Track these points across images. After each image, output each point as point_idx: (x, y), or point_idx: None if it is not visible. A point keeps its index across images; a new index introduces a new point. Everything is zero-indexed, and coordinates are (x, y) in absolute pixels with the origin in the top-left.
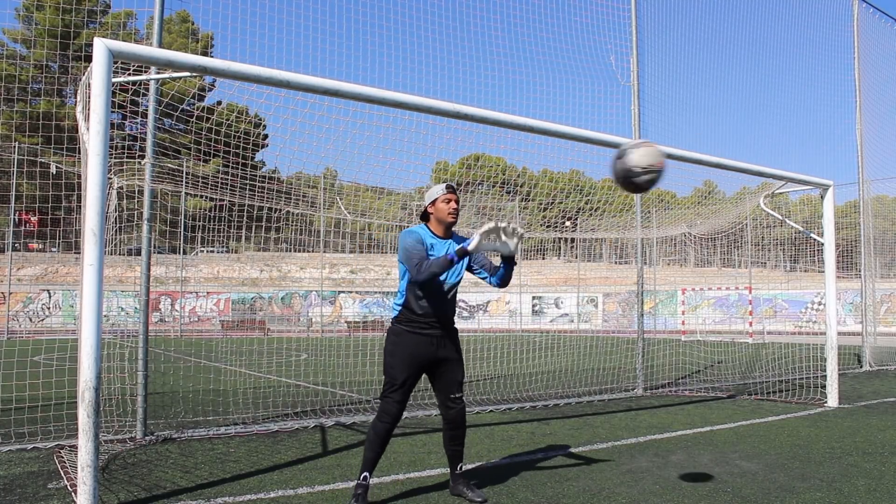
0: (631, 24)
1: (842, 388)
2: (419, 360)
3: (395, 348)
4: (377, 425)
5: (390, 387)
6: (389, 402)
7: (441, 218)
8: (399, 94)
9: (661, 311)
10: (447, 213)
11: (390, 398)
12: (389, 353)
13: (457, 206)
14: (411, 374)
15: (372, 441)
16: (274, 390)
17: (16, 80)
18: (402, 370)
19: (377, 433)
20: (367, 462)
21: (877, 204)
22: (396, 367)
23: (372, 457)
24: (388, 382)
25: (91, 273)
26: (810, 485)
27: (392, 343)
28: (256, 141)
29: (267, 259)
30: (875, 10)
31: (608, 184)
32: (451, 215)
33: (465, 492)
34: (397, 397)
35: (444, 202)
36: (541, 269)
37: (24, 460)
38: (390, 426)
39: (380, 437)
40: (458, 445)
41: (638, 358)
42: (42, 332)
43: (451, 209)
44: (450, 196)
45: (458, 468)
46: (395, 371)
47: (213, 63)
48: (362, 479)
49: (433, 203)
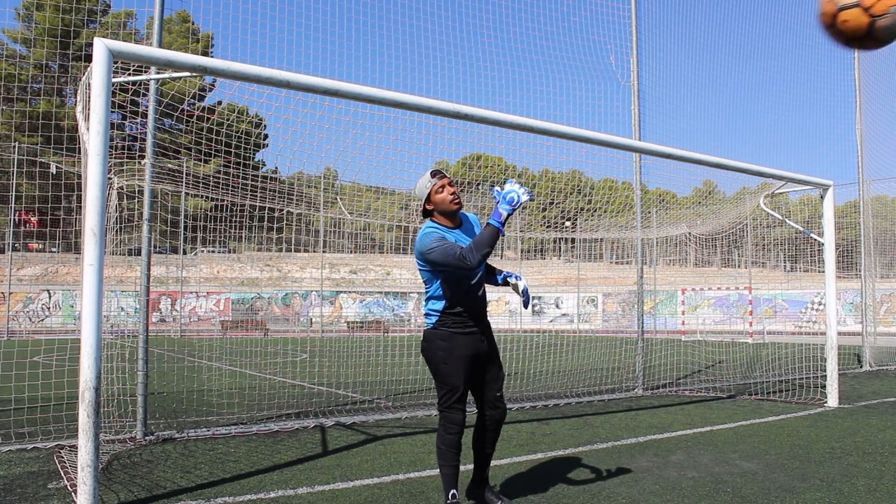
0: (631, 24)
1: (842, 388)
2: (474, 360)
3: (448, 354)
4: (446, 438)
5: (452, 395)
6: (455, 410)
7: (444, 209)
8: (399, 94)
9: (661, 311)
10: (449, 202)
11: (456, 407)
12: (442, 361)
13: (454, 189)
14: (469, 376)
15: (445, 455)
16: (274, 390)
17: (16, 80)
18: (460, 374)
19: (449, 446)
20: (448, 478)
21: (877, 204)
22: (454, 374)
23: (451, 472)
24: (449, 391)
25: (91, 273)
26: (810, 485)
27: (442, 349)
28: (256, 141)
29: (267, 259)
30: None
31: (608, 183)
32: (453, 202)
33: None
34: (461, 405)
35: (439, 191)
36: (541, 269)
37: (24, 460)
38: (460, 435)
39: (454, 449)
40: (492, 448)
41: (638, 358)
42: (42, 332)
43: (449, 194)
44: (442, 182)
45: (485, 472)
46: (453, 378)
47: (213, 63)
48: (451, 498)
49: (429, 198)
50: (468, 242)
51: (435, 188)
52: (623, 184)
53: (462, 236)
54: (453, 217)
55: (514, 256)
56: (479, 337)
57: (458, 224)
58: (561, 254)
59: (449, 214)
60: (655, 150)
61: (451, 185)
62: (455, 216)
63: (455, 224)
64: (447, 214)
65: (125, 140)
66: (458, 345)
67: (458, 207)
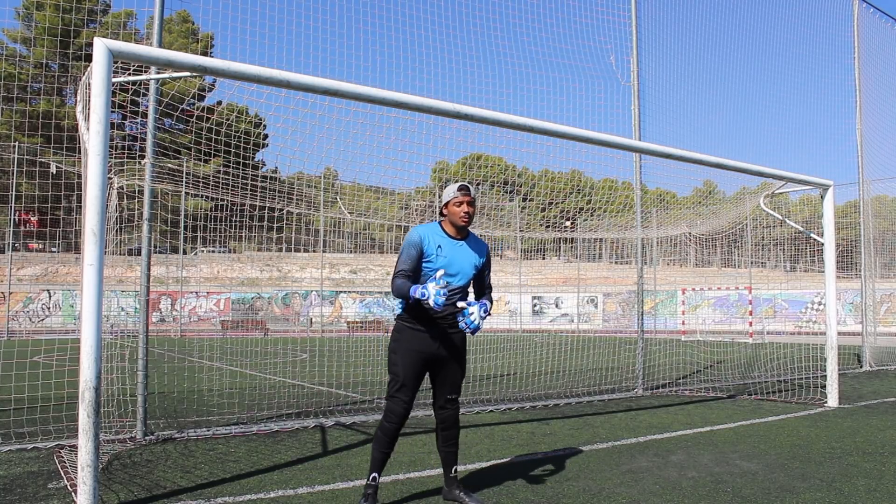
0: (631, 24)
1: (842, 388)
2: (422, 356)
3: (398, 345)
4: (384, 426)
5: (395, 384)
6: (395, 401)
7: (453, 221)
8: (399, 94)
9: (661, 311)
10: (459, 217)
11: (396, 397)
12: (392, 351)
13: (469, 209)
14: (415, 371)
15: (379, 440)
16: (274, 390)
17: (16, 80)
18: (405, 367)
19: (385, 433)
20: (374, 462)
21: (877, 204)
22: (399, 364)
23: (379, 457)
24: (392, 380)
25: (91, 273)
26: (810, 485)
27: (395, 340)
28: (256, 141)
29: (267, 259)
30: (875, 10)
31: (608, 183)
32: (462, 219)
33: (463, 498)
34: (403, 396)
35: (457, 205)
36: (541, 269)
37: (24, 460)
38: (397, 426)
39: (387, 437)
40: (452, 446)
41: (638, 358)
42: (42, 332)
43: (462, 212)
44: (462, 199)
45: (452, 471)
46: (397, 368)
47: (213, 63)
48: (371, 480)
49: (447, 205)
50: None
51: (455, 200)
52: (623, 184)
53: (464, 249)
54: (459, 230)
55: (514, 256)
56: (433, 338)
57: (464, 236)
58: (561, 254)
59: (455, 226)
60: (655, 150)
61: (470, 206)
62: (461, 230)
63: (457, 236)
64: (454, 225)
65: (125, 140)
66: (407, 338)
67: (465, 224)
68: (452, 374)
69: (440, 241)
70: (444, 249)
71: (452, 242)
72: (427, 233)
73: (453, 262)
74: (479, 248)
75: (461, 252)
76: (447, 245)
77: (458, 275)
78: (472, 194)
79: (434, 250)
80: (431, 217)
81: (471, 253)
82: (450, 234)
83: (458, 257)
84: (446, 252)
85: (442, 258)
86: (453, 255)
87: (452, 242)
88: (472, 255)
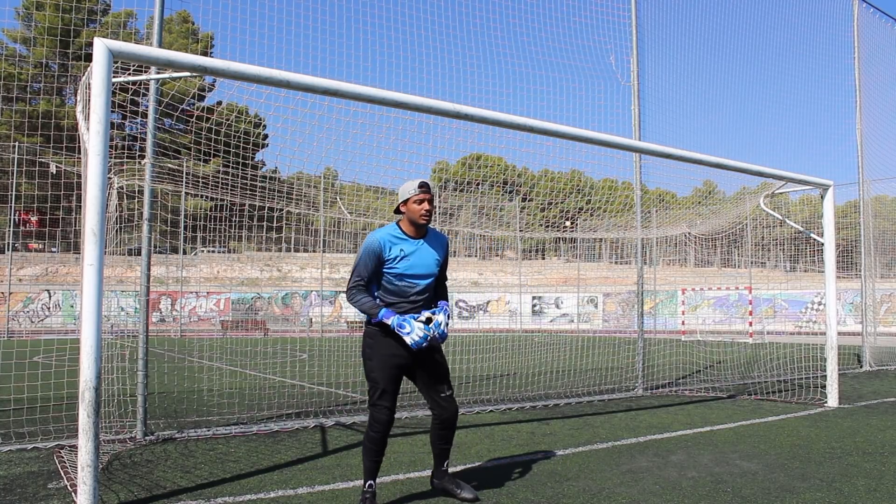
0: (631, 24)
1: (842, 388)
2: (397, 360)
3: (373, 351)
4: (370, 435)
5: (375, 392)
6: (378, 408)
7: (412, 219)
8: (399, 94)
9: (661, 311)
10: (419, 215)
11: (378, 405)
12: (367, 357)
13: (429, 207)
14: (392, 376)
15: (368, 450)
16: (274, 390)
17: (16, 80)
18: (382, 373)
19: (373, 442)
20: (367, 471)
21: (877, 204)
22: (376, 371)
23: (371, 465)
24: (372, 388)
25: (91, 273)
26: (810, 485)
27: (368, 346)
28: (256, 141)
29: (267, 259)
30: (875, 10)
31: (608, 183)
32: (423, 217)
33: (455, 490)
34: (385, 402)
35: (417, 203)
36: (541, 269)
37: (24, 460)
38: (383, 434)
39: (375, 445)
40: (447, 444)
41: (638, 358)
42: (42, 332)
43: (422, 210)
44: (422, 196)
45: (444, 465)
46: (374, 374)
47: (213, 63)
48: (367, 487)
49: (405, 202)
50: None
51: (415, 197)
52: (623, 184)
53: (423, 248)
54: (418, 228)
55: (514, 256)
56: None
57: (421, 235)
58: (561, 254)
59: (415, 225)
60: (655, 150)
61: (430, 203)
62: (420, 228)
63: (416, 235)
64: (413, 224)
65: (125, 140)
66: (380, 344)
67: (425, 223)
68: (435, 371)
69: (402, 244)
70: (406, 251)
71: (413, 243)
72: (386, 237)
73: (417, 263)
74: (439, 243)
75: (423, 252)
76: (409, 247)
77: (423, 275)
78: (431, 192)
79: (396, 254)
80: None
81: (432, 251)
82: (409, 235)
83: (421, 258)
84: (408, 254)
85: (405, 261)
86: (416, 256)
87: (413, 243)
88: (433, 253)
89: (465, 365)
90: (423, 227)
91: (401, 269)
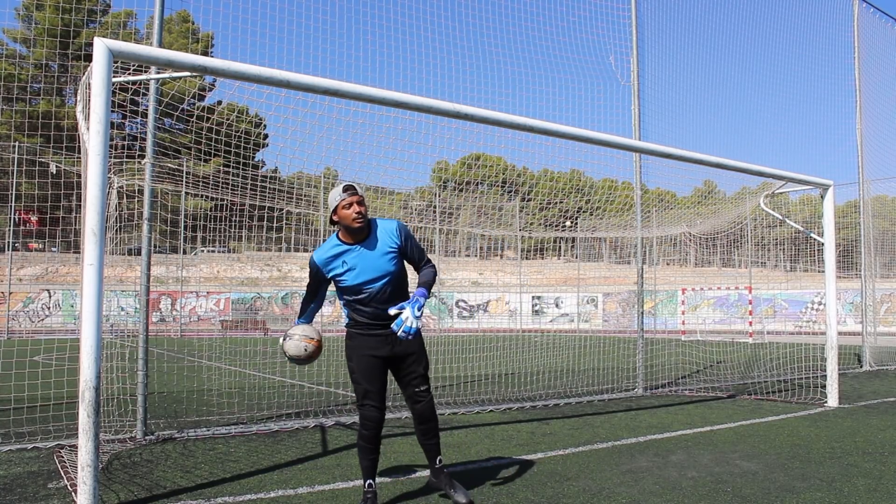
0: (631, 24)
1: (842, 388)
2: (377, 359)
3: (352, 352)
4: (363, 434)
5: (360, 393)
6: (367, 408)
7: (346, 224)
8: (399, 94)
9: (661, 311)
10: (351, 220)
11: (366, 404)
12: (349, 359)
13: (360, 209)
14: (375, 375)
15: (363, 449)
16: (274, 390)
17: (16, 80)
18: (364, 374)
19: (366, 441)
20: (366, 471)
21: (877, 204)
22: (358, 372)
23: (368, 465)
24: (356, 389)
25: (91, 273)
26: (810, 485)
27: (349, 348)
28: (256, 141)
29: (267, 259)
30: (875, 10)
31: (608, 183)
32: (356, 221)
33: (449, 491)
34: (372, 401)
35: (346, 207)
36: (541, 268)
37: (24, 460)
38: (376, 431)
39: (369, 444)
40: (432, 439)
41: (638, 358)
42: (42, 331)
43: (354, 213)
44: (350, 199)
45: (437, 461)
46: (357, 375)
47: (213, 63)
48: (368, 487)
49: (336, 210)
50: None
51: (343, 203)
52: (623, 184)
53: (363, 252)
54: (355, 233)
55: (514, 256)
56: (386, 339)
57: (360, 239)
58: (561, 254)
59: (350, 231)
60: (655, 150)
61: (360, 205)
62: (357, 232)
63: (357, 240)
64: (349, 230)
65: (125, 140)
66: (359, 344)
67: (359, 226)
68: (414, 368)
69: (343, 256)
70: (350, 262)
71: (354, 250)
72: (323, 258)
73: (364, 269)
74: (385, 235)
75: (366, 256)
76: (351, 257)
77: (376, 278)
78: (359, 192)
79: (340, 268)
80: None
81: (377, 250)
82: (349, 242)
83: (368, 262)
84: (352, 263)
85: (351, 272)
86: (360, 262)
87: (354, 250)
88: (381, 252)
89: (466, 365)
90: (360, 230)
91: (349, 280)
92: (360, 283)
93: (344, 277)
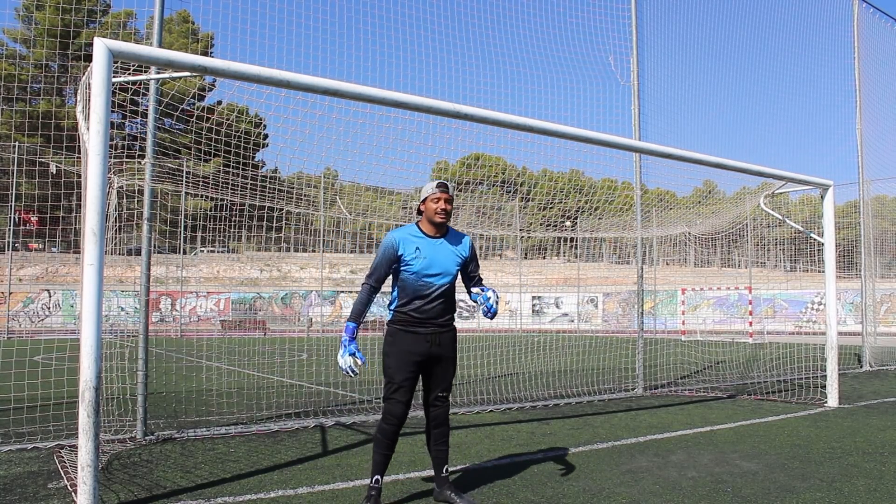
0: (631, 24)
1: (842, 388)
2: (415, 357)
3: (391, 348)
4: (383, 427)
5: (390, 387)
6: (392, 402)
7: (429, 217)
8: (399, 94)
9: (661, 311)
10: (434, 213)
11: (393, 399)
12: (386, 354)
13: (446, 206)
14: (409, 372)
15: (379, 442)
16: (274, 390)
17: (16, 80)
18: (398, 369)
19: (384, 435)
20: (376, 465)
21: (877, 204)
22: (393, 367)
23: (381, 459)
24: (388, 383)
25: (91, 273)
26: (810, 485)
27: (388, 344)
28: (256, 141)
29: (267, 259)
30: (875, 10)
31: (608, 183)
32: (438, 215)
33: (455, 499)
34: (399, 397)
35: (434, 201)
36: (541, 268)
37: (24, 460)
38: (396, 427)
39: (387, 439)
40: (444, 444)
41: (638, 358)
42: (42, 332)
43: (439, 209)
44: (440, 195)
45: (443, 470)
46: (391, 371)
47: (213, 63)
48: (374, 482)
49: (424, 201)
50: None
51: (433, 196)
52: (623, 183)
53: (444, 245)
54: (437, 227)
55: (513, 256)
56: (425, 338)
57: (442, 234)
58: (561, 254)
59: (432, 224)
60: (655, 150)
61: (448, 203)
62: (439, 227)
63: (435, 234)
64: (430, 222)
65: (125, 140)
66: (400, 341)
67: (441, 221)
68: (444, 373)
69: (417, 242)
70: (423, 250)
71: (431, 242)
72: (402, 237)
73: (434, 261)
74: (460, 242)
75: (441, 250)
76: (425, 245)
77: (440, 274)
78: (450, 192)
79: (412, 252)
80: None
81: (451, 249)
82: (427, 234)
83: (439, 256)
84: (425, 252)
85: (421, 259)
86: (433, 254)
87: (431, 242)
88: (452, 252)
89: (466, 365)
90: (441, 225)
91: (417, 267)
92: (426, 273)
93: (412, 263)
